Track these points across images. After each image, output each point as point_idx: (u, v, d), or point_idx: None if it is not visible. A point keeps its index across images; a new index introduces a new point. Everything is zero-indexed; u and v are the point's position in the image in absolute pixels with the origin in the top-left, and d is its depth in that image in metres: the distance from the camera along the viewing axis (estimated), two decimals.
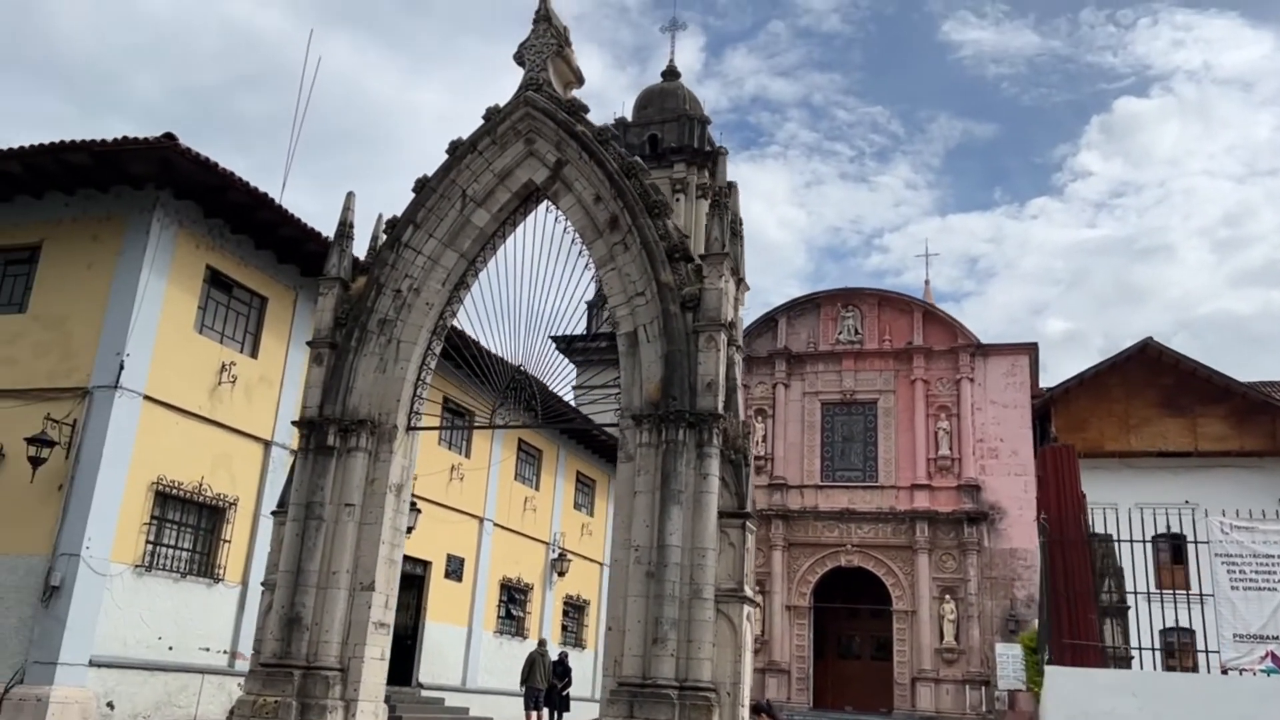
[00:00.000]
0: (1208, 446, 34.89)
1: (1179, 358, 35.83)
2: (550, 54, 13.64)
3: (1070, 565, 13.89)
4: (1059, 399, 36.53)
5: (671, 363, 11.68)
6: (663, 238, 12.28)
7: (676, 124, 43.67)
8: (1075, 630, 13.63)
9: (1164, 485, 33.95)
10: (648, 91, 46.01)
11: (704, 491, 11.19)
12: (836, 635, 37.35)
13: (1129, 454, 35.77)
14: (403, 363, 13.11)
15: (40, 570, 13.98)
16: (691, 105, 45.06)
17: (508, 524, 25.04)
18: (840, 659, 37.32)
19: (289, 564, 12.36)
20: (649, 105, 45.06)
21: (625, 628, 11.14)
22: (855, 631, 37.29)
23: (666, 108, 44.51)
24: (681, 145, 42.55)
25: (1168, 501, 30.74)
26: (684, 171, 41.80)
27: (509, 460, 25.26)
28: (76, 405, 14.59)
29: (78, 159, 14.82)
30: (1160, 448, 35.41)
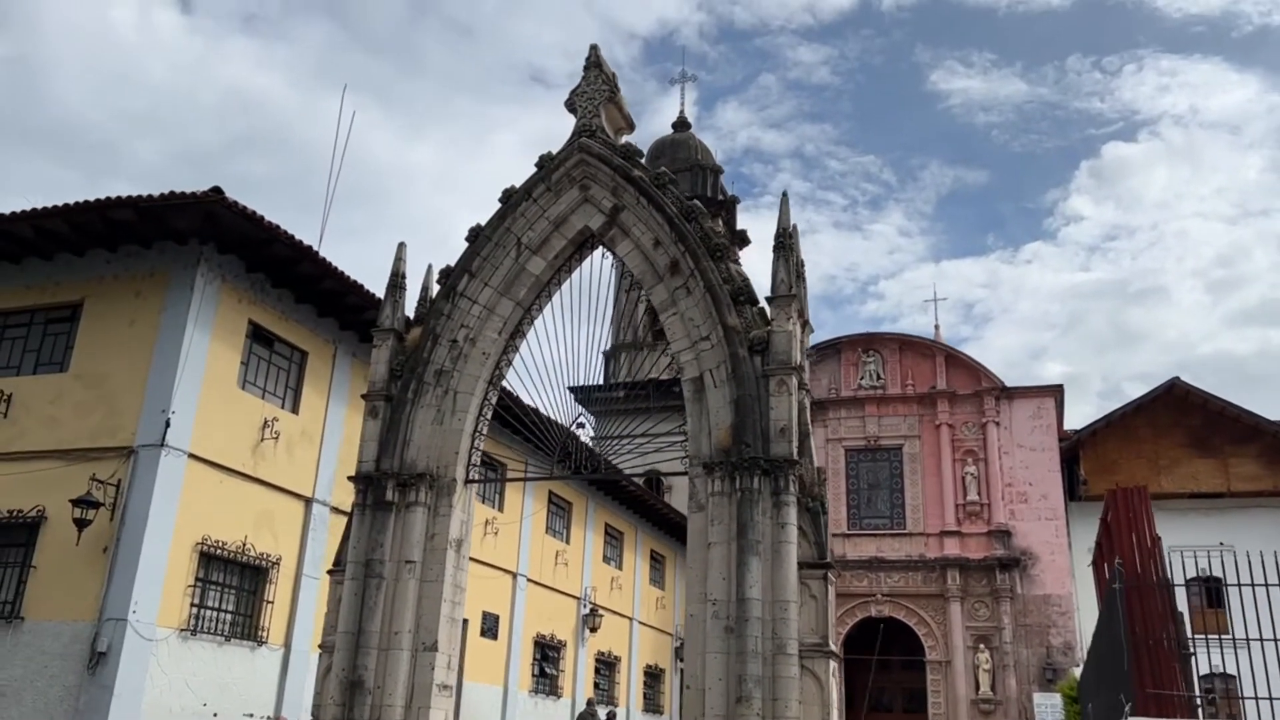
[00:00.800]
0: (1240, 487, 34.45)
1: (1207, 397, 35.50)
2: (602, 100, 13.53)
3: (1149, 612, 13.45)
4: (1086, 441, 36.14)
5: (742, 408, 11.40)
6: (726, 280, 12.06)
7: (689, 173, 43.86)
8: (1159, 680, 13.18)
9: (1197, 527, 33.52)
10: (659, 142, 46.24)
11: (783, 541, 10.83)
12: (867, 688, 36.56)
13: (1160, 496, 35.14)
14: (460, 414, 12.82)
15: (85, 636, 13.56)
16: (703, 155, 45.32)
17: (540, 579, 24.56)
18: (872, 712, 36.47)
19: (348, 625, 11.96)
20: (661, 156, 45.23)
21: (705, 685, 10.72)
22: (886, 684, 36.46)
23: (679, 158, 44.70)
24: (695, 195, 42.62)
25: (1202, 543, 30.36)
26: None
27: (540, 513, 24.86)
28: (121, 465, 14.27)
29: (122, 215, 14.65)
30: (1192, 489, 34.97)
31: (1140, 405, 36.05)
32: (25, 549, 14.40)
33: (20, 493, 14.51)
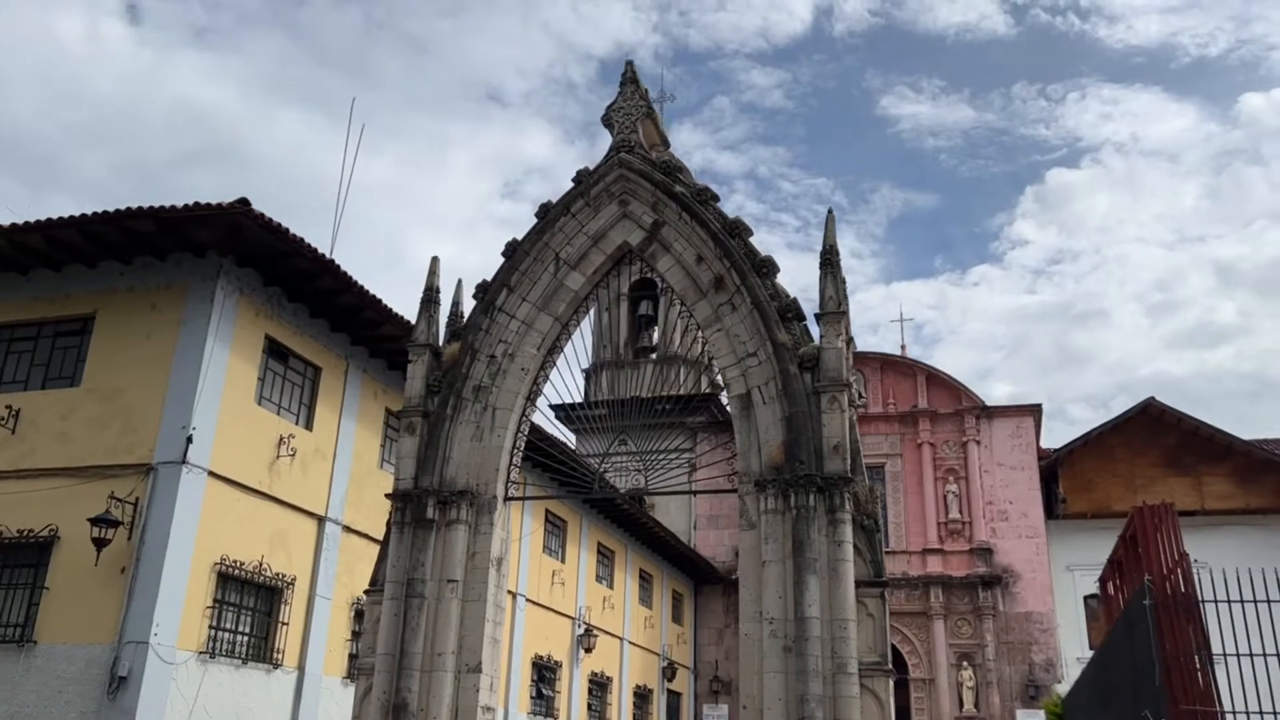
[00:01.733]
0: (1214, 505, 35.08)
1: (1181, 416, 36.18)
2: (640, 116, 13.50)
3: (1179, 628, 13.57)
4: (1064, 460, 36.64)
5: (795, 425, 11.35)
6: (773, 297, 12.04)
7: None
8: (1192, 696, 13.28)
9: None
10: None
11: (839, 559, 10.78)
12: None
13: None
14: (499, 430, 12.63)
15: (102, 660, 13.12)
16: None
17: (538, 599, 24.29)
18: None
19: (388, 646, 11.68)
20: None
21: (763, 706, 10.61)
22: None
23: None
24: None
25: None
26: None
27: (537, 532, 24.61)
28: (140, 483, 13.87)
29: (141, 226, 14.31)
30: None
31: (1116, 425, 36.64)
32: (36, 569, 13.93)
33: (31, 511, 14.05)
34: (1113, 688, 18.27)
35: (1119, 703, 17.68)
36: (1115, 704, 18.27)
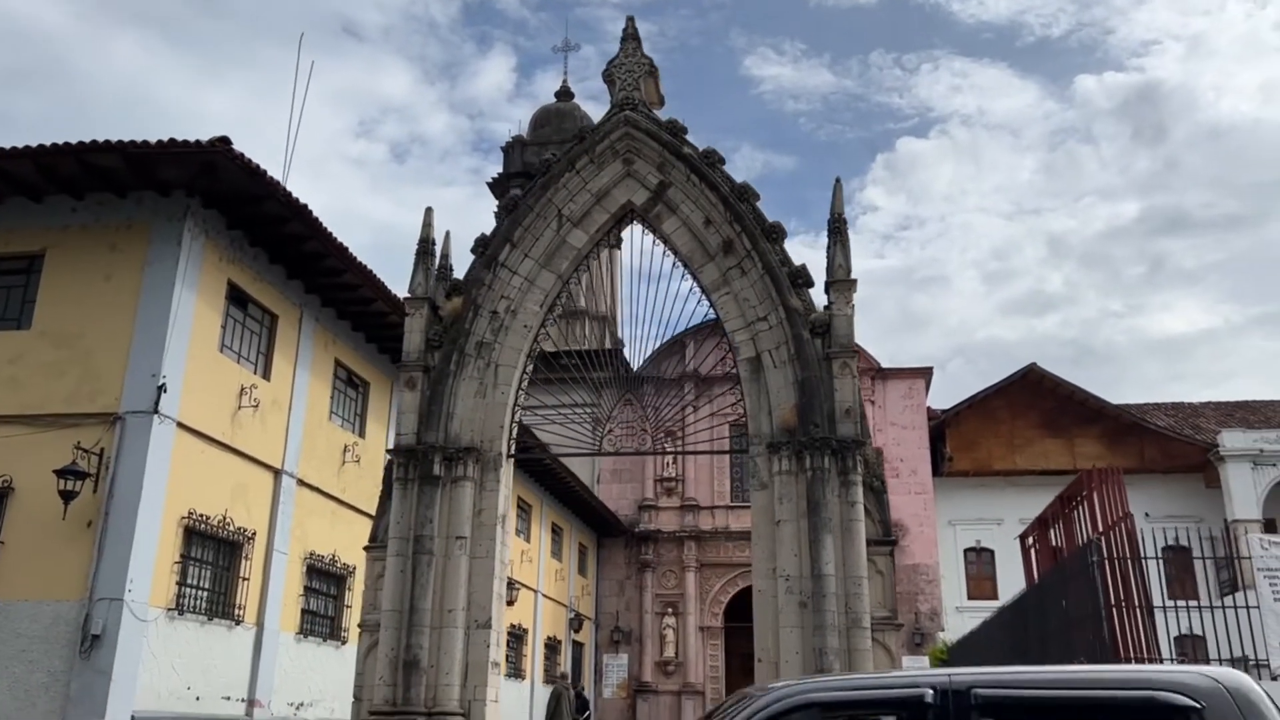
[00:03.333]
0: (1085, 465, 37.25)
1: (1058, 382, 38.48)
2: (642, 73, 13.46)
3: (1125, 583, 14.64)
4: (951, 421, 38.51)
5: (808, 389, 11.69)
6: (784, 263, 12.30)
7: None
8: (1135, 649, 14.38)
9: (1044, 502, 36.32)
10: (544, 111, 45.73)
11: (852, 519, 11.23)
12: (740, 654, 37.86)
13: (1014, 472, 38.14)
14: (503, 387, 12.54)
15: (70, 617, 12.49)
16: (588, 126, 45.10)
17: None
18: (746, 677, 37.80)
19: (395, 602, 11.55)
20: (546, 125, 44.80)
21: (779, 659, 11.02)
22: None
23: (564, 128, 44.25)
24: None
25: None
26: None
27: None
28: (106, 433, 13.15)
29: (106, 160, 13.42)
30: (1042, 466, 37.87)
31: (1000, 388, 38.70)
32: None
33: None
34: (1034, 638, 19.54)
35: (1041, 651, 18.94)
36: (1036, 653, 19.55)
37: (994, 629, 23.92)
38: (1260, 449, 35.26)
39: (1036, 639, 19.04)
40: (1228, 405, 40.98)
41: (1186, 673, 3.73)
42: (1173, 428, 37.82)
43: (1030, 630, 19.54)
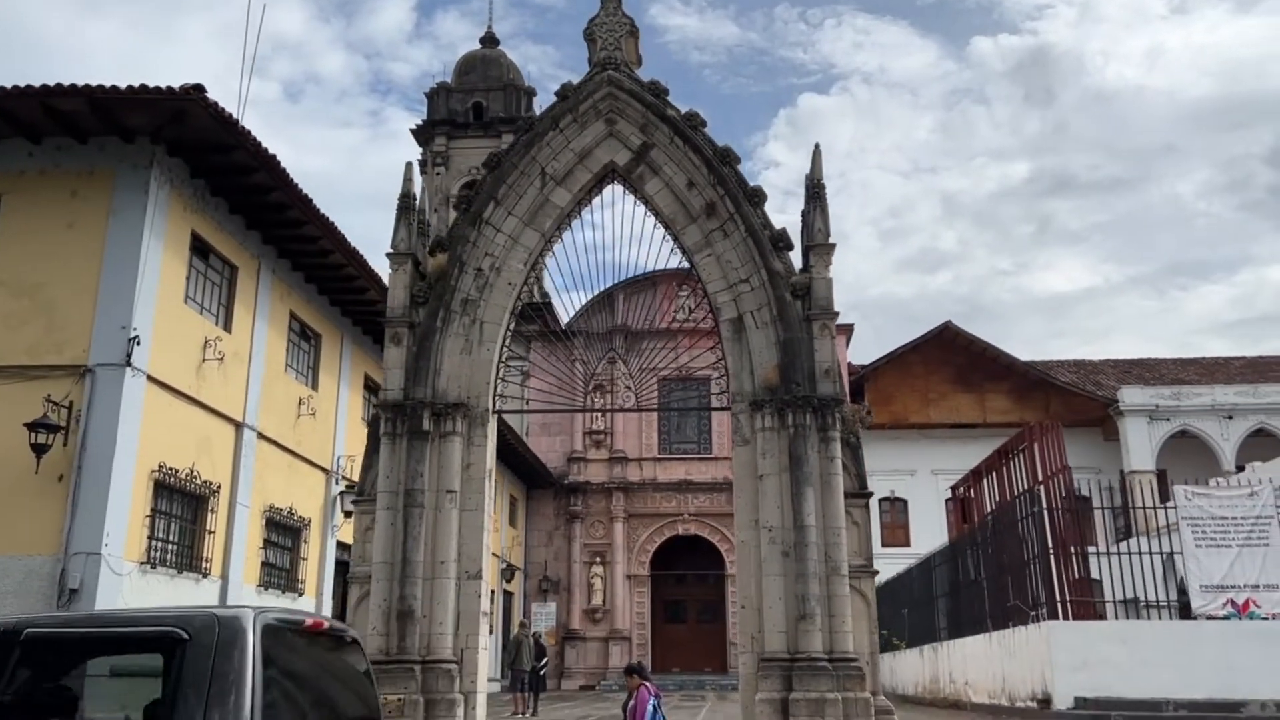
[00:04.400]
0: (994, 419, 39.17)
1: (972, 339, 40.00)
2: (623, 33, 13.58)
3: (1064, 530, 15.70)
4: (870, 376, 39.74)
5: (790, 349, 12.16)
6: (765, 226, 12.68)
7: (502, 93, 43.11)
8: (1072, 588, 15.47)
9: (956, 454, 37.94)
10: (469, 57, 44.97)
11: (831, 473, 11.80)
12: (663, 601, 38.82)
13: (927, 425, 39.68)
14: (488, 344, 12.70)
15: (45, 571, 12.34)
16: (515, 75, 44.59)
17: None
18: (667, 624, 38.83)
19: (387, 554, 11.73)
20: (471, 72, 44.12)
21: (762, 605, 11.57)
22: (684, 597, 38.91)
23: (490, 75, 43.77)
24: (510, 115, 42.06)
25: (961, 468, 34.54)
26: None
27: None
28: (75, 386, 12.90)
29: (68, 105, 13.01)
30: (954, 420, 39.53)
31: (916, 345, 40.05)
32: None
33: None
34: (965, 582, 20.68)
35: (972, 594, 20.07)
36: (965, 594, 20.71)
37: (923, 572, 25.13)
38: (1156, 404, 37.41)
39: (970, 583, 20.17)
40: (1125, 363, 43.19)
41: (194, 611, 4.53)
42: (1076, 384, 39.75)
43: (964, 574, 20.67)
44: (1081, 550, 15.59)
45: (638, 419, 37.73)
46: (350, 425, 20.42)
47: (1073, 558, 15.46)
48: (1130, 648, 14.68)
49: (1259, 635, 14.47)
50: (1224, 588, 14.96)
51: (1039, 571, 15.69)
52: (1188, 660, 14.27)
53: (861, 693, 11.00)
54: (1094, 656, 14.64)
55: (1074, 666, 14.58)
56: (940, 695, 21.20)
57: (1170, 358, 43.56)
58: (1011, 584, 17.03)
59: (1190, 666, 14.18)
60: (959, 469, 34.83)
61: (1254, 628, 14.61)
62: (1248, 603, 14.84)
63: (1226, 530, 15.23)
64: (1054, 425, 16.73)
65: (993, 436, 37.77)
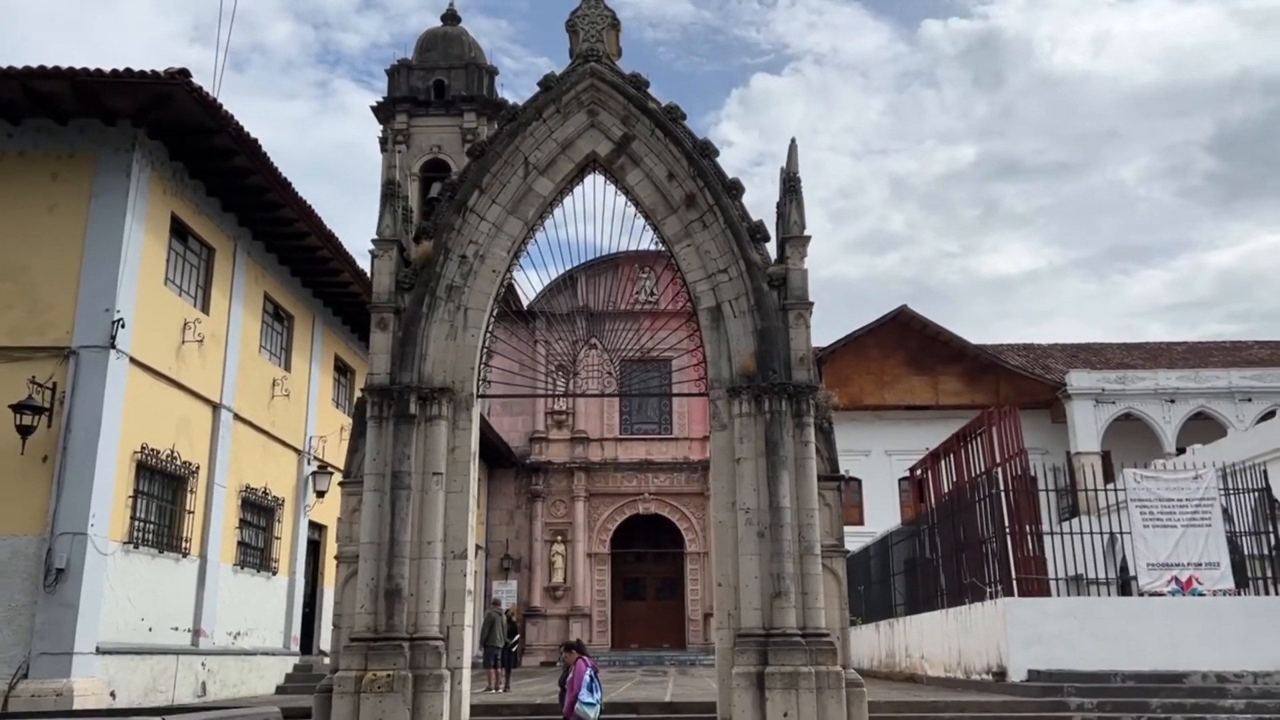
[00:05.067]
0: (946, 401, 40.22)
1: (926, 323, 40.88)
2: (605, 26, 13.84)
3: (1020, 510, 16.41)
4: (827, 358, 40.41)
5: (767, 338, 12.60)
6: (743, 218, 13.08)
7: (464, 71, 42.90)
8: (1027, 567, 16.19)
9: (910, 435, 39.02)
10: (430, 34, 44.67)
11: (805, 458, 12.27)
12: (623, 579, 39.39)
13: (882, 407, 40.57)
14: (472, 330, 12.97)
15: (30, 551, 12.50)
16: (477, 54, 44.42)
17: None
18: (627, 600, 39.41)
19: (375, 535, 12.01)
20: (432, 49, 43.84)
21: (738, 583, 12.06)
22: (643, 574, 39.50)
23: (452, 53, 43.52)
24: (472, 95, 41.96)
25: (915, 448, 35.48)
26: (474, 121, 41.42)
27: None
28: (59, 368, 13.00)
29: (50, 87, 13.04)
30: (908, 401, 40.47)
31: (872, 329, 40.84)
32: None
33: None
34: (922, 560, 21.41)
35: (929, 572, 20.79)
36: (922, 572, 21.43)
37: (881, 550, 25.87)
38: (1102, 388, 38.61)
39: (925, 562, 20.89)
40: (1073, 347, 44.41)
41: None
42: (1025, 367, 40.83)
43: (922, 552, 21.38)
44: (1036, 528, 16.30)
45: (600, 399, 38.13)
46: (321, 406, 20.59)
47: (1027, 537, 16.16)
48: (1081, 623, 15.44)
49: (1200, 611, 15.30)
50: (1169, 566, 15.75)
51: (995, 550, 16.39)
52: (1135, 634, 15.06)
53: (833, 666, 11.54)
54: (1047, 631, 15.37)
55: (1028, 641, 15.30)
56: (896, 669, 21.96)
57: (1116, 342, 44.85)
58: (968, 562, 17.74)
59: (1137, 640, 14.96)
60: (912, 449, 35.88)
61: (1196, 604, 15.44)
62: (1190, 580, 15.64)
63: (1172, 511, 16.01)
64: (1012, 410, 17.41)
65: (945, 418, 38.87)
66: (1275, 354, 41.72)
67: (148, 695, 13.81)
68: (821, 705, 11.24)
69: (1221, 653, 14.69)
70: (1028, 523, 16.14)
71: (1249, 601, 15.68)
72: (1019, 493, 16.31)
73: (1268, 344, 43.69)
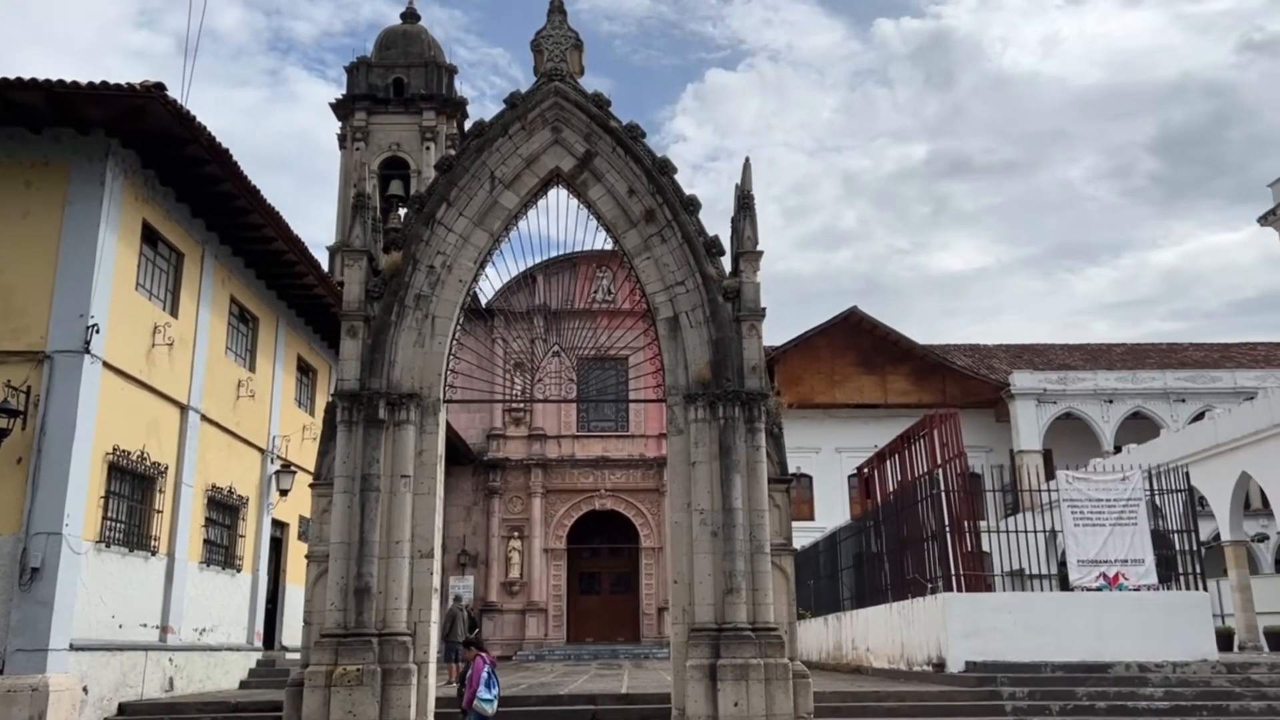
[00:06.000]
0: (894, 400, 41.30)
1: (875, 324, 41.94)
2: (569, 46, 14.40)
3: (959, 510, 17.28)
4: (780, 358, 41.35)
5: (721, 348, 13.28)
6: (700, 233, 13.74)
7: (424, 70, 43.20)
8: (965, 562, 17.07)
9: (858, 432, 40.03)
10: (389, 33, 44.87)
11: (757, 462, 12.98)
12: (579, 573, 40.01)
13: (832, 405, 41.56)
14: (439, 338, 13.50)
15: (5, 550, 12.83)
16: (436, 52, 44.68)
17: None
18: (583, 595, 40.04)
19: (345, 535, 12.50)
20: (392, 47, 44.06)
21: (693, 580, 12.75)
22: (598, 569, 40.14)
23: (411, 52, 43.77)
24: (431, 93, 42.29)
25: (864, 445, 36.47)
26: (434, 120, 41.87)
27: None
28: (33, 372, 13.32)
29: (26, 97, 13.32)
30: (857, 400, 41.50)
31: (823, 329, 41.82)
32: None
33: None
34: (868, 556, 22.26)
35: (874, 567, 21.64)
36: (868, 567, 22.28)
37: (829, 546, 26.73)
38: (1044, 388, 39.92)
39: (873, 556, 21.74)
40: (1017, 348, 45.74)
41: None
42: (971, 368, 42.05)
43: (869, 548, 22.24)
44: (974, 527, 17.18)
45: (558, 394, 38.67)
46: (284, 406, 20.95)
47: (966, 535, 17.04)
48: (1015, 616, 16.35)
49: (1126, 605, 16.27)
50: (1098, 562, 16.71)
51: (936, 547, 17.26)
52: (1065, 627, 15.99)
53: (781, 658, 12.26)
54: (984, 624, 16.26)
55: (966, 634, 16.17)
56: (843, 661, 22.82)
57: (1058, 343, 46.25)
58: (911, 558, 18.61)
59: (1067, 632, 15.89)
60: (861, 447, 36.83)
61: (1122, 598, 16.41)
62: (1117, 576, 16.61)
63: (1101, 511, 16.97)
64: (953, 414, 18.29)
65: (894, 416, 39.93)
66: (1209, 356, 43.33)
67: (118, 690, 14.19)
68: (770, 695, 11.95)
69: (1144, 644, 15.67)
70: (966, 522, 17.01)
71: (1170, 596, 16.69)
72: (957, 493, 17.18)
73: (1202, 346, 45.34)
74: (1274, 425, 22.10)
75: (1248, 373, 39.52)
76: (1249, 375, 39.11)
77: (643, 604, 37.79)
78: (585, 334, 39.76)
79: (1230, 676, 15.07)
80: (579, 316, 39.68)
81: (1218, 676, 15.05)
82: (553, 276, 39.97)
